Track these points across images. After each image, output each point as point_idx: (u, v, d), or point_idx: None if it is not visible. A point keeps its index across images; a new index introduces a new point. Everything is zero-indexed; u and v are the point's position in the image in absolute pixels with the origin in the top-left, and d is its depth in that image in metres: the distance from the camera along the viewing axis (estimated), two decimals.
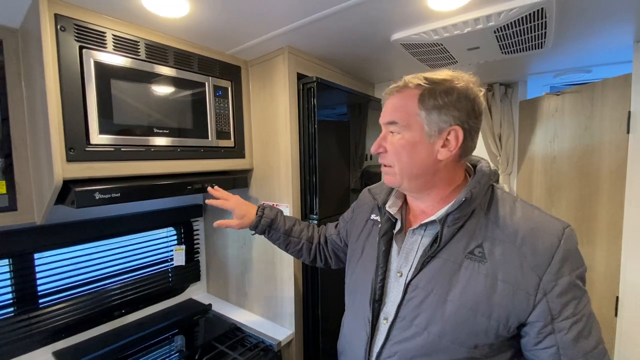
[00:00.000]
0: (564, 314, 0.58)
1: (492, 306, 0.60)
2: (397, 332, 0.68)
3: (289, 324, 1.40)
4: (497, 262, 0.61)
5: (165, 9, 0.96)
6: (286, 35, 1.20)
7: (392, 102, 0.68)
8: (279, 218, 1.05)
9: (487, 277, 0.61)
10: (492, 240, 0.63)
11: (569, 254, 0.59)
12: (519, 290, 0.59)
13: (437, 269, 0.65)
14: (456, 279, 0.63)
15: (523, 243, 0.61)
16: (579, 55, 1.56)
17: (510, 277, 0.60)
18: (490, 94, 2.15)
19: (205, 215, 1.76)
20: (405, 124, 0.66)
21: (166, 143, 1.15)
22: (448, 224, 0.65)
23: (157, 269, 1.55)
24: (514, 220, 0.63)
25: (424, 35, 1.17)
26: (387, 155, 0.69)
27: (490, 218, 0.65)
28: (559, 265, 0.58)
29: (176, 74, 1.16)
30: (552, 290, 0.58)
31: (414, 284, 0.67)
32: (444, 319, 0.62)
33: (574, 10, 1.04)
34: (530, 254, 0.60)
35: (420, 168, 0.67)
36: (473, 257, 0.63)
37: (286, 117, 1.33)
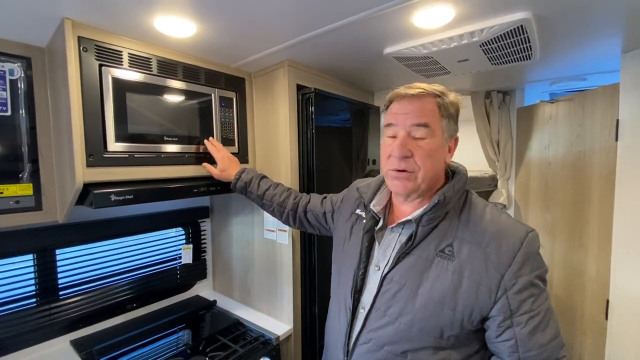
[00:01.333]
0: (521, 309, 0.64)
1: (457, 300, 0.66)
2: (372, 321, 0.74)
3: (287, 320, 1.49)
4: (464, 260, 0.67)
5: (175, 30, 1.06)
6: (286, 50, 1.29)
7: (417, 106, 0.70)
8: (253, 182, 1.22)
9: (454, 273, 0.67)
10: (461, 240, 0.69)
11: (529, 256, 0.65)
12: (482, 287, 0.65)
13: (410, 264, 0.71)
14: (427, 275, 0.69)
15: (488, 244, 0.67)
16: (571, 64, 1.60)
17: (474, 274, 0.66)
18: (488, 101, 2.20)
19: (212, 216, 1.87)
20: (434, 129, 0.70)
21: (175, 149, 1.25)
22: (422, 223, 0.71)
23: (166, 266, 1.66)
24: (483, 223, 0.70)
25: (413, 49, 1.24)
26: (411, 160, 0.70)
27: (461, 220, 0.72)
28: (519, 266, 0.64)
29: (185, 87, 1.27)
30: (511, 287, 0.64)
31: (389, 278, 0.73)
32: (414, 310, 0.69)
33: (558, 25, 1.10)
34: (494, 253, 0.66)
35: (436, 172, 0.73)
36: (443, 255, 0.69)
37: (286, 125, 1.42)
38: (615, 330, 1.40)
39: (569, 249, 1.71)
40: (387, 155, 0.74)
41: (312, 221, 1.14)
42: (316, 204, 1.14)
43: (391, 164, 0.73)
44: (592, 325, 1.57)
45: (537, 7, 0.98)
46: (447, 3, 0.95)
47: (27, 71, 1.09)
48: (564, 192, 1.76)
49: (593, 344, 1.57)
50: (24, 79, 1.09)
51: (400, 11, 0.98)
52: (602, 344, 1.46)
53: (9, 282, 1.24)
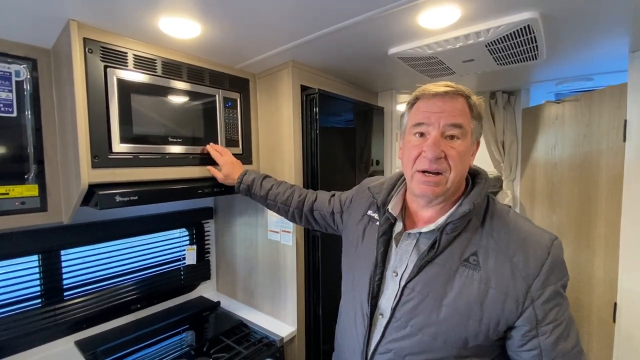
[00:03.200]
0: (547, 319, 0.63)
1: (484, 311, 0.64)
2: (392, 331, 0.71)
3: (291, 321, 1.48)
4: (490, 270, 0.65)
5: (179, 31, 1.06)
6: (290, 51, 1.29)
7: (451, 105, 0.66)
8: (255, 183, 1.22)
9: (480, 284, 0.65)
10: (486, 250, 0.66)
11: (555, 265, 0.64)
12: (509, 297, 0.63)
13: (433, 274, 0.68)
14: (451, 285, 0.66)
15: (515, 253, 0.64)
16: (578, 64, 1.59)
17: (501, 285, 0.63)
18: (493, 102, 2.19)
19: (216, 217, 1.87)
20: (467, 130, 0.67)
21: (180, 151, 1.25)
22: (447, 231, 0.68)
23: (170, 267, 1.66)
24: (507, 231, 0.67)
25: (418, 49, 1.24)
26: (444, 162, 0.66)
27: (485, 228, 0.68)
28: (546, 276, 0.63)
29: (189, 88, 1.27)
30: (539, 297, 0.62)
31: (410, 287, 0.69)
32: (439, 322, 0.66)
33: (565, 25, 1.09)
34: (521, 264, 0.63)
35: (463, 176, 0.71)
36: (468, 265, 0.66)
37: (290, 126, 1.41)
38: (623, 333, 1.38)
39: (575, 251, 1.69)
40: (415, 156, 0.69)
41: (319, 220, 1.12)
42: (323, 203, 1.10)
43: (421, 165, 0.68)
44: (599, 328, 1.55)
45: (544, 6, 0.97)
46: (453, 3, 0.94)
47: (32, 72, 1.10)
48: (570, 193, 1.74)
49: (600, 347, 1.55)
50: (30, 80, 1.09)
51: (405, 11, 0.98)
52: (609, 347, 1.44)
53: (14, 283, 1.25)
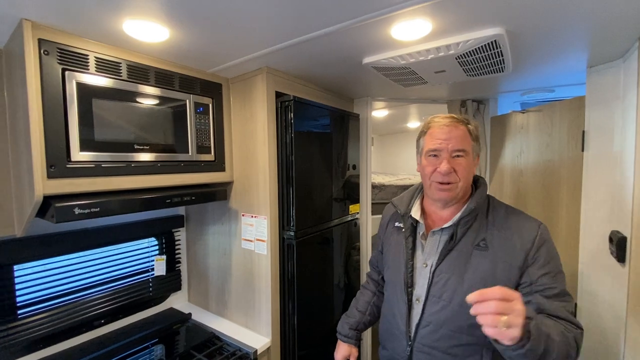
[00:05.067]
0: (541, 280, 0.82)
1: (496, 279, 0.84)
2: (429, 307, 0.91)
3: (266, 332, 1.45)
4: (496, 249, 0.87)
5: (146, 35, 1.01)
6: (264, 57, 1.27)
7: (456, 134, 0.90)
8: (358, 329, 1.20)
9: (490, 260, 0.86)
10: (492, 235, 0.89)
11: (544, 241, 0.85)
12: (512, 266, 0.85)
13: (454, 258, 0.90)
14: (469, 264, 0.88)
15: (513, 235, 0.87)
16: (541, 77, 1.67)
17: (506, 257, 0.85)
18: (463, 110, 2.26)
19: (187, 226, 1.80)
20: (468, 151, 0.91)
21: (147, 158, 1.19)
22: (461, 225, 0.91)
23: (138, 279, 1.58)
24: (505, 220, 0.91)
25: (392, 60, 1.25)
26: (454, 174, 0.90)
27: (489, 220, 0.92)
28: (537, 249, 0.84)
29: (158, 93, 1.22)
30: (533, 264, 0.84)
31: (439, 270, 0.91)
32: (463, 292, 0.83)
33: (529, 41, 1.14)
34: (518, 241, 0.86)
35: (470, 183, 0.95)
36: (479, 248, 0.89)
37: (264, 132, 1.39)
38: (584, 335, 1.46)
39: None
40: (431, 171, 0.93)
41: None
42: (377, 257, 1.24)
43: (436, 178, 0.92)
44: None
45: (509, 24, 1.01)
46: (424, 17, 0.95)
47: None
48: (535, 199, 1.82)
49: None
50: None
51: (379, 23, 0.98)
52: None
53: None
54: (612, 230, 1.30)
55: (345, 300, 1.88)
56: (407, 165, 4.26)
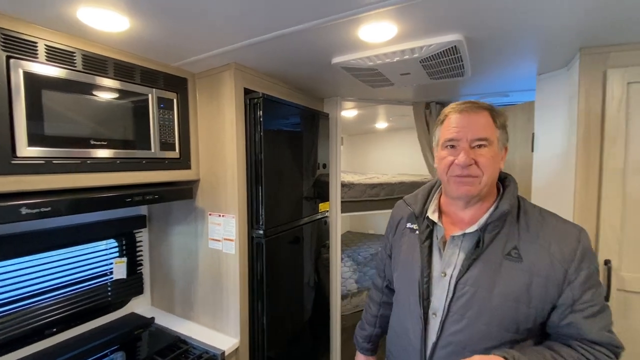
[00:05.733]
0: (583, 298, 0.71)
1: (531, 296, 0.72)
2: (450, 325, 0.77)
3: (234, 333, 1.43)
4: (531, 260, 0.73)
5: (104, 24, 0.96)
6: (232, 53, 1.24)
7: (475, 120, 0.76)
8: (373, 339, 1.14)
9: (524, 273, 0.73)
10: (525, 243, 0.75)
11: (585, 252, 0.73)
12: (550, 281, 0.72)
13: (481, 269, 0.76)
14: (499, 276, 0.74)
15: (550, 244, 0.73)
16: (497, 82, 1.79)
17: (543, 271, 0.72)
18: (427, 112, 2.36)
19: (150, 226, 1.72)
20: (492, 140, 0.76)
21: (105, 155, 1.13)
22: (488, 230, 0.76)
23: (95, 283, 1.49)
24: (540, 225, 0.76)
25: (359, 61, 1.28)
26: (475, 167, 0.76)
27: (521, 224, 0.77)
28: (579, 261, 0.72)
29: (117, 85, 1.15)
30: (575, 280, 0.71)
31: (462, 283, 0.76)
32: (492, 309, 0.73)
33: (485, 48, 1.22)
34: (557, 253, 0.72)
35: (495, 178, 0.79)
36: (510, 258, 0.74)
37: (232, 129, 1.36)
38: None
39: None
40: (449, 164, 0.78)
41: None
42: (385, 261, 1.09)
43: (454, 171, 0.77)
44: None
45: (467, 31, 1.07)
46: (390, 20, 0.99)
47: None
48: None
49: None
50: None
51: (347, 24, 1.00)
52: None
53: None
54: None
55: (316, 297, 1.90)
56: (376, 164, 4.37)
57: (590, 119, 1.20)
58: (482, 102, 0.79)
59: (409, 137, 4.00)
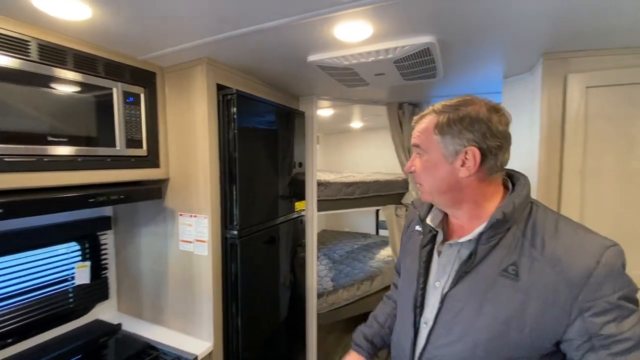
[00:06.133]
0: (604, 332, 0.57)
1: (525, 322, 0.61)
2: (435, 338, 0.72)
3: (207, 336, 1.38)
4: (530, 280, 0.62)
5: (62, 12, 0.89)
6: (204, 47, 1.20)
7: (418, 127, 0.74)
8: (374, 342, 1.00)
9: (520, 293, 0.62)
10: (527, 259, 0.64)
11: (609, 275, 0.58)
12: (552, 307, 0.60)
13: (472, 283, 0.68)
14: (491, 295, 0.65)
15: (559, 261, 0.60)
16: (466, 84, 1.86)
17: (543, 294, 0.61)
18: (401, 112, 2.41)
19: (116, 228, 1.63)
20: (426, 147, 0.71)
21: (64, 152, 1.05)
22: (482, 242, 0.67)
23: (54, 289, 1.39)
24: (551, 238, 0.63)
25: (335, 59, 1.28)
26: (417, 175, 0.75)
27: (526, 236, 0.65)
28: (596, 286, 0.57)
29: (78, 78, 1.08)
30: (589, 309, 0.58)
31: (450, 296, 0.70)
32: (478, 330, 0.65)
33: (456, 51, 1.26)
34: (565, 272, 0.59)
35: (444, 186, 0.71)
36: (506, 275, 0.64)
37: (204, 126, 1.32)
38: None
39: None
40: None
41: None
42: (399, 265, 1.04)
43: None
44: None
45: (439, 33, 1.10)
46: (365, 20, 0.99)
47: None
48: None
49: None
50: None
51: (323, 22, 1.00)
52: None
53: None
54: None
55: (292, 297, 1.89)
56: (351, 163, 4.41)
57: (552, 121, 1.27)
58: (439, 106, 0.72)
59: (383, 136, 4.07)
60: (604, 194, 1.21)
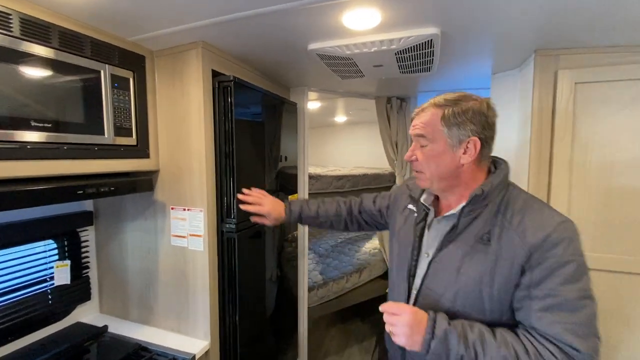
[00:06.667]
0: (543, 285, 0.68)
1: (494, 279, 0.73)
2: (421, 299, 0.84)
3: (204, 334, 1.33)
4: (500, 244, 0.74)
5: None
6: (201, 29, 1.14)
7: (421, 119, 0.81)
8: (304, 208, 1.21)
9: (491, 256, 0.74)
10: (498, 228, 0.75)
11: (560, 241, 0.69)
12: (514, 264, 0.71)
13: (453, 250, 0.80)
14: (468, 258, 0.77)
15: (525, 229, 0.72)
16: (454, 80, 1.91)
17: (509, 255, 0.72)
18: (389, 106, 2.44)
19: (97, 223, 1.52)
20: (432, 137, 0.79)
21: (47, 139, 0.95)
22: (464, 215, 0.78)
23: (32, 291, 1.27)
24: (519, 213, 0.75)
25: (337, 48, 1.26)
26: (418, 163, 0.83)
27: (500, 210, 0.77)
28: (548, 247, 0.69)
29: (62, 58, 0.98)
30: (538, 265, 0.69)
31: (435, 260, 0.83)
32: (455, 285, 0.77)
33: (452, 45, 1.28)
34: (528, 239, 0.71)
35: (445, 172, 0.80)
36: (482, 241, 0.76)
37: (200, 115, 1.25)
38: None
39: None
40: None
41: (369, 220, 1.20)
42: (369, 204, 1.19)
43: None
44: None
45: (444, 25, 1.11)
46: (375, 7, 0.98)
47: None
48: None
49: None
50: None
51: (332, 7, 0.97)
52: None
53: None
54: None
55: (285, 291, 1.86)
56: (334, 158, 4.42)
57: (543, 115, 1.33)
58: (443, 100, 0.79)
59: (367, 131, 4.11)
60: (589, 185, 1.28)
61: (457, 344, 0.70)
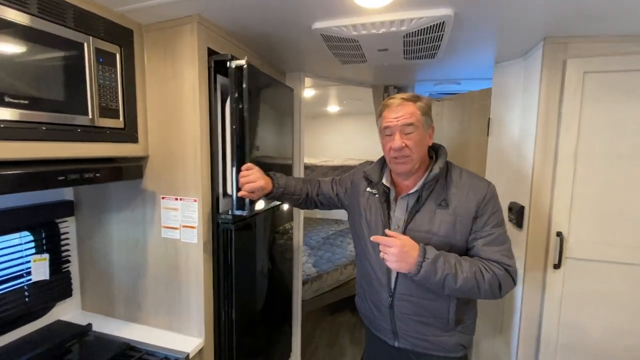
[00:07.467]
0: (484, 229, 0.98)
1: (456, 231, 0.99)
2: None
3: (197, 332, 1.25)
4: (455, 206, 0.99)
5: None
6: (196, 2, 1.04)
7: (404, 111, 0.98)
8: (288, 186, 1.24)
9: (451, 216, 0.99)
10: (450, 194, 1.01)
11: (492, 197, 1.00)
12: (468, 218, 0.98)
13: (421, 217, 1.01)
14: (434, 221, 1.00)
15: (468, 192, 1.00)
16: (452, 69, 1.87)
17: (463, 212, 0.98)
18: (386, 95, 2.38)
19: (78, 214, 1.40)
20: (419, 125, 0.98)
21: (24, 117, 0.84)
22: (425, 189, 1.02)
23: (6, 287, 1.15)
24: (461, 181, 1.02)
25: (344, 28, 1.19)
26: (407, 149, 0.98)
27: (447, 182, 1.03)
28: (486, 202, 0.98)
29: (40, 26, 0.86)
30: (481, 215, 0.98)
31: (409, 229, 1.02)
32: (430, 244, 0.96)
33: (461, 29, 1.23)
34: (472, 196, 0.99)
35: (423, 154, 1.02)
36: (441, 207, 1.00)
37: (195, 96, 1.16)
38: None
39: None
40: (389, 149, 1.01)
41: (324, 202, 1.31)
42: (327, 188, 1.30)
43: (392, 154, 1.00)
44: None
45: (457, 6, 1.06)
46: None
47: None
48: None
49: None
50: None
51: None
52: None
53: None
54: (510, 202, 1.56)
55: (280, 284, 1.80)
56: (326, 148, 4.35)
57: (549, 105, 1.31)
58: (410, 95, 1.02)
59: (359, 122, 4.06)
60: (592, 176, 1.28)
61: (443, 265, 0.91)
